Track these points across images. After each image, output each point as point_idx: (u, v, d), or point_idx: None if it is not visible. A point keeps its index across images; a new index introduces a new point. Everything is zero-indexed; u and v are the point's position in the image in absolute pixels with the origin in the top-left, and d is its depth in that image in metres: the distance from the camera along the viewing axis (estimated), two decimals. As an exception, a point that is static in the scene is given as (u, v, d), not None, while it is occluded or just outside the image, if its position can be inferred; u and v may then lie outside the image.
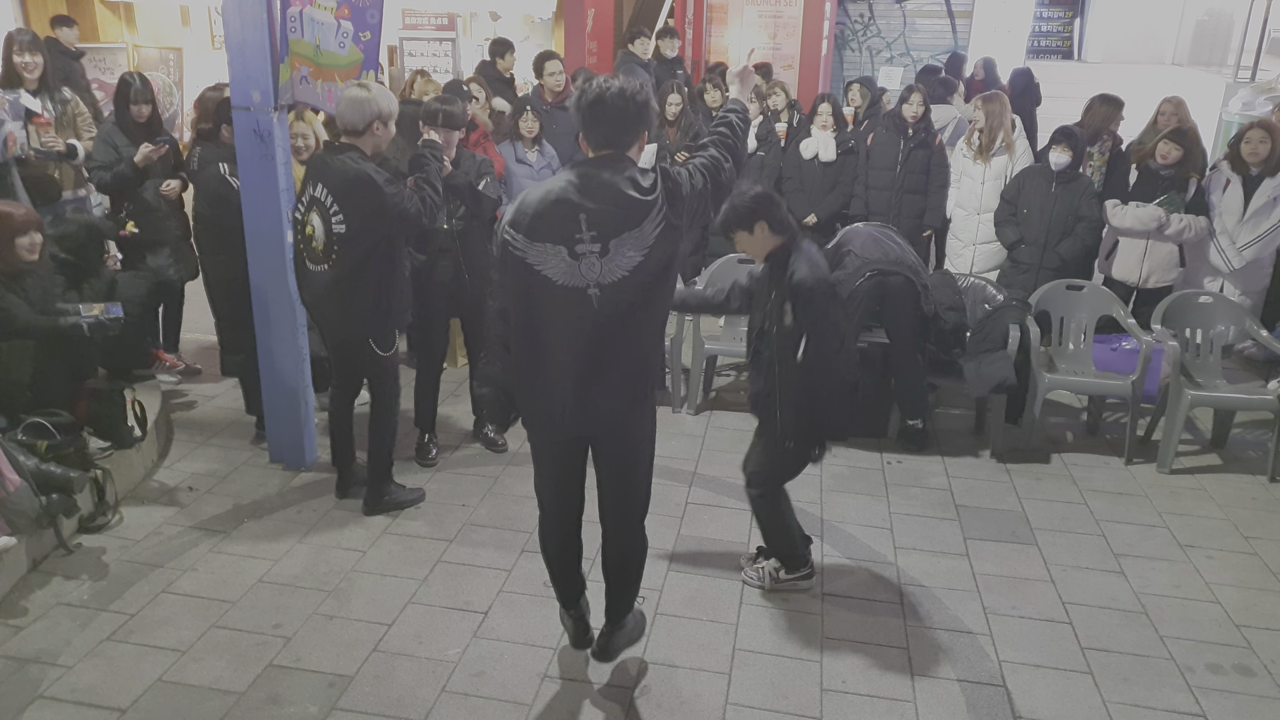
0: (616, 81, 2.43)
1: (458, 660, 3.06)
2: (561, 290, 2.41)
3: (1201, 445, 4.82)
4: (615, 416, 2.59)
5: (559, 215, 2.39)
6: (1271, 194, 4.92)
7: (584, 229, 2.37)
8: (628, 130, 2.43)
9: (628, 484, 2.73)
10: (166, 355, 5.23)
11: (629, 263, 2.39)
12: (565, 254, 2.39)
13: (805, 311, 3.03)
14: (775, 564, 3.48)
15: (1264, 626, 3.34)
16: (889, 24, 12.23)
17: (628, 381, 2.53)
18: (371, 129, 3.49)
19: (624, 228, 2.38)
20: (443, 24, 10.34)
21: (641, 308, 2.46)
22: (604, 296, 2.40)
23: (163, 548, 3.64)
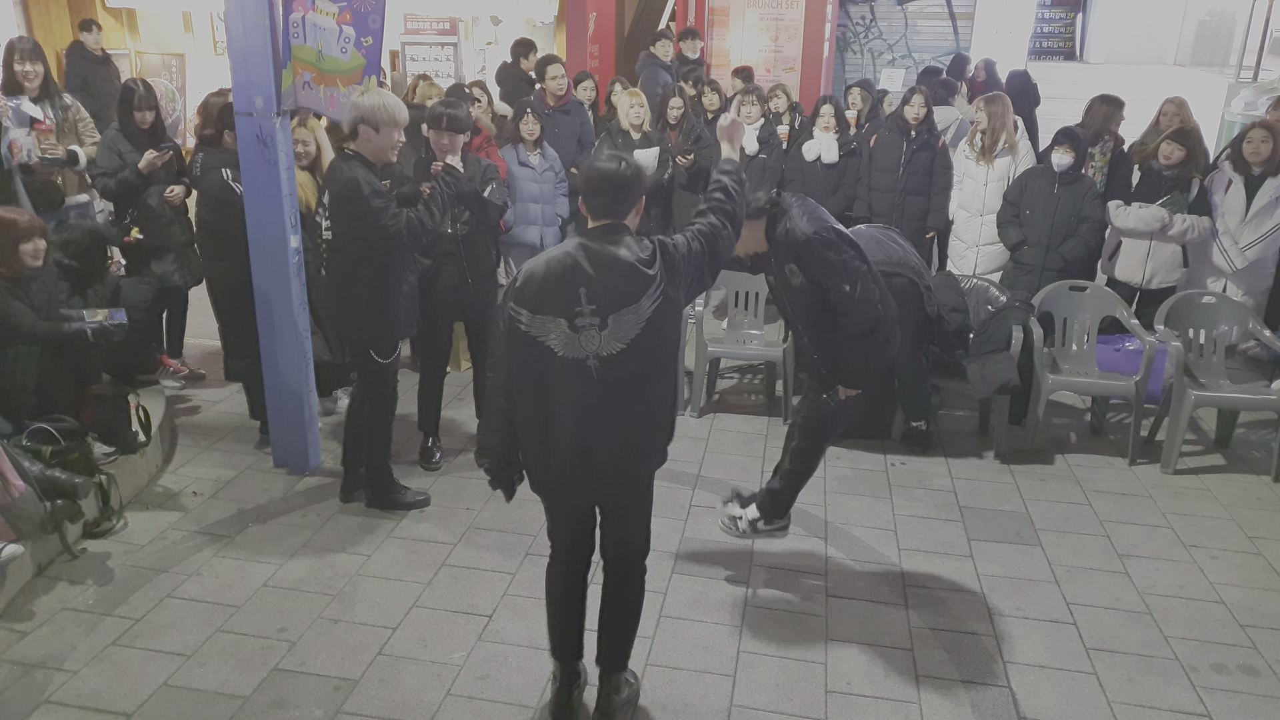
0: (608, 159, 2.52)
1: (462, 663, 3.06)
2: (562, 361, 2.46)
3: (1205, 445, 4.82)
4: (621, 485, 2.65)
5: (560, 288, 2.45)
6: (1274, 194, 4.92)
7: (584, 302, 2.43)
8: (624, 199, 2.51)
9: (628, 529, 2.77)
10: (170, 360, 5.24)
11: (627, 335, 2.45)
12: (565, 326, 2.44)
13: (810, 265, 3.05)
14: (755, 514, 3.57)
15: (1269, 626, 3.34)
16: (890, 26, 12.24)
17: (632, 447, 2.58)
18: (359, 132, 3.50)
19: (622, 303, 2.44)
20: (444, 28, 10.37)
21: (641, 376, 2.51)
22: (603, 368, 2.46)
23: (167, 552, 3.65)
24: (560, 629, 2.83)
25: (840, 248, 3.08)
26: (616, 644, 2.81)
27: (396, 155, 3.70)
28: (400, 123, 3.56)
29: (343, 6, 3.68)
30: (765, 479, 4.33)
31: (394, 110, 3.53)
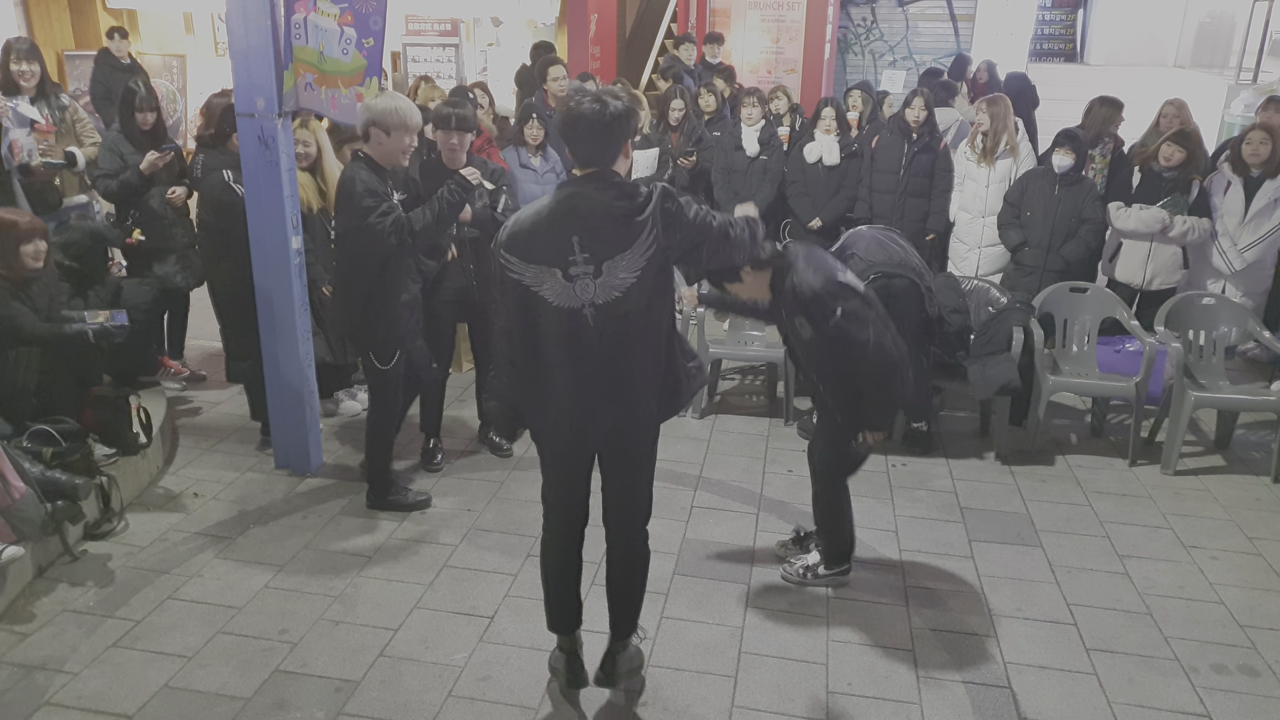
0: (589, 97, 2.43)
1: (464, 665, 3.07)
2: (557, 310, 2.45)
3: (1205, 446, 4.82)
4: (620, 432, 2.62)
5: (552, 237, 2.42)
6: (1272, 195, 4.93)
7: (577, 251, 2.41)
8: (608, 145, 2.44)
9: (630, 489, 2.75)
10: (171, 362, 5.25)
11: (622, 284, 2.42)
12: (560, 275, 2.43)
13: (819, 318, 3.06)
14: (816, 559, 3.51)
15: (1268, 627, 3.34)
16: (891, 27, 12.25)
17: (630, 397, 2.56)
18: (370, 135, 3.51)
19: (616, 249, 2.41)
20: (446, 30, 10.38)
21: (638, 326, 2.49)
22: (599, 316, 2.44)
23: (168, 554, 3.65)
24: (557, 601, 2.84)
25: (847, 298, 3.06)
26: (624, 612, 2.83)
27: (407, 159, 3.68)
28: (412, 127, 3.56)
29: (344, 7, 3.69)
30: (765, 480, 4.35)
31: (405, 114, 3.53)
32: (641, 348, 2.53)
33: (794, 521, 3.98)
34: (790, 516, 4.03)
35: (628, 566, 2.83)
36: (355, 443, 4.65)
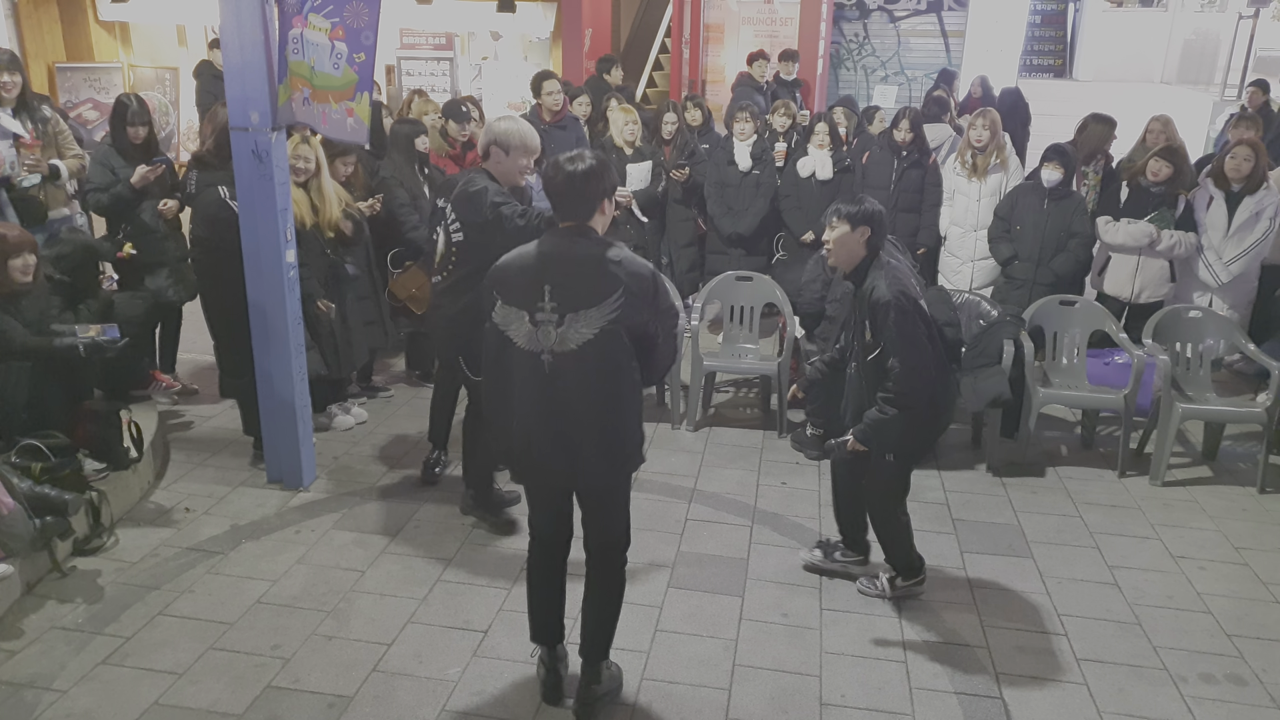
0: (565, 159, 2.61)
1: (458, 679, 3.06)
2: (520, 352, 2.61)
3: (1193, 458, 4.86)
4: (574, 476, 2.73)
5: (526, 281, 2.58)
6: (1254, 209, 4.99)
7: (546, 298, 2.55)
8: (581, 201, 2.60)
9: (599, 524, 2.84)
10: (163, 376, 5.23)
11: (581, 337, 2.55)
12: (527, 319, 2.58)
13: (883, 327, 3.12)
14: (890, 572, 3.54)
15: (1255, 636, 3.37)
16: (884, 43, 12.35)
17: (575, 448, 2.65)
18: (490, 154, 3.56)
19: (582, 304, 2.54)
20: (440, 44, 10.43)
21: (591, 379, 2.59)
22: (555, 364, 2.58)
23: (159, 569, 3.64)
24: (539, 613, 2.95)
25: (915, 320, 3.11)
26: (593, 633, 2.89)
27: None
28: (532, 150, 3.58)
29: (335, 22, 3.70)
30: (760, 493, 4.36)
31: (526, 136, 3.57)
32: (591, 403, 2.61)
33: (788, 534, 4.00)
34: (784, 529, 4.04)
35: (598, 590, 2.88)
36: (349, 456, 4.65)
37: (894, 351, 3.11)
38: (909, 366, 3.09)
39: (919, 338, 3.12)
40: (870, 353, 3.21)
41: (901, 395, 3.13)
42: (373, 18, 3.70)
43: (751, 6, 9.80)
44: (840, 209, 3.24)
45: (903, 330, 3.08)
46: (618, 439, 2.68)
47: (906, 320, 3.08)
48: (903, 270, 3.21)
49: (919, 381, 3.12)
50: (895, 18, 11.98)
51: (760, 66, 8.12)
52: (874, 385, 3.22)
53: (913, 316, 3.11)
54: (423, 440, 4.83)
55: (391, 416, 5.15)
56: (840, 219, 3.21)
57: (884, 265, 3.20)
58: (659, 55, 12.05)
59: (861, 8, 11.98)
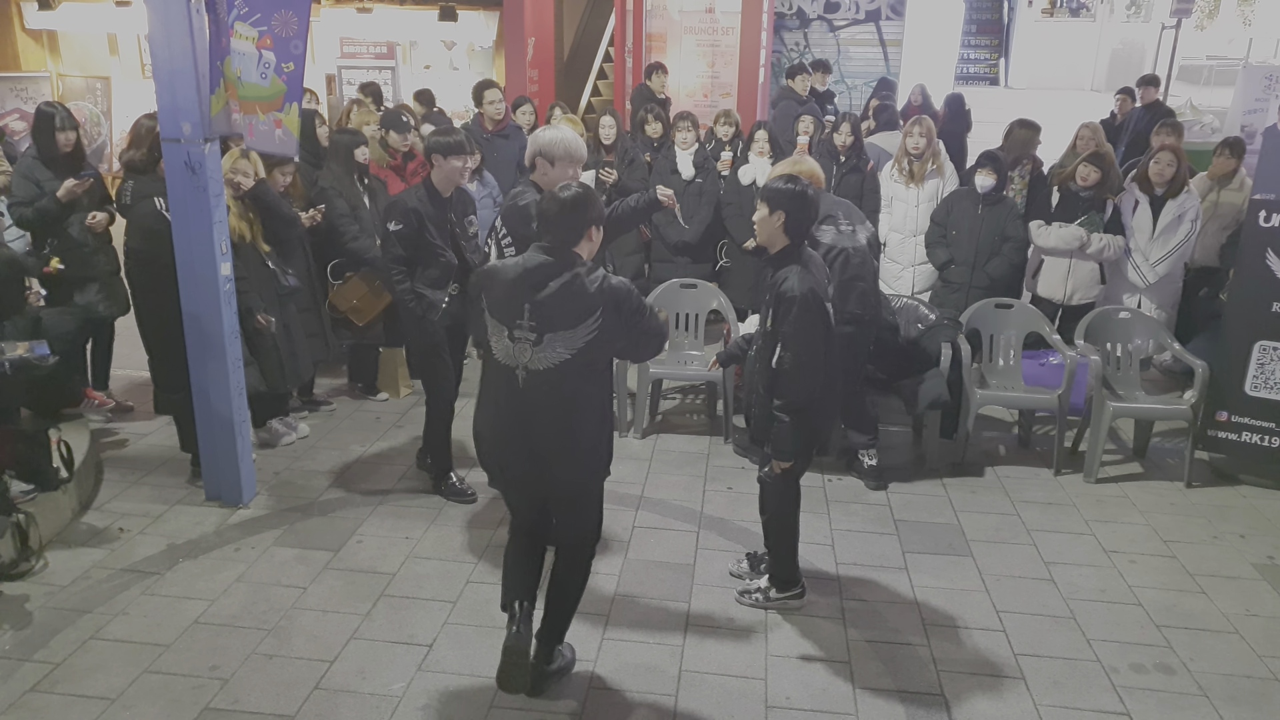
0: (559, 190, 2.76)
1: (402, 694, 3.03)
2: (498, 364, 2.75)
3: (1124, 455, 5.02)
4: (540, 482, 2.85)
5: (509, 297, 2.69)
6: (1176, 213, 5.19)
7: (525, 317, 2.66)
8: (570, 229, 2.71)
9: (568, 523, 2.99)
10: (96, 393, 5.09)
11: (557, 357, 2.66)
12: (506, 335, 2.70)
13: (784, 320, 3.13)
14: (765, 583, 3.55)
15: (1183, 626, 3.49)
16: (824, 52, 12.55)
17: (543, 462, 2.77)
18: (536, 165, 3.58)
19: (560, 326, 2.64)
20: (381, 52, 10.33)
21: (562, 399, 2.70)
22: (529, 380, 2.69)
23: (91, 592, 3.53)
24: (514, 575, 3.03)
25: (815, 321, 3.12)
26: (554, 619, 3.03)
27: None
28: (577, 159, 3.57)
29: (263, 31, 3.64)
30: (706, 498, 4.39)
31: (570, 145, 3.55)
32: (561, 421, 2.72)
33: (734, 538, 4.03)
34: (730, 533, 4.08)
35: (563, 580, 3.02)
36: (291, 471, 4.57)
37: (788, 345, 3.12)
38: (799, 363, 3.12)
39: (815, 338, 3.13)
40: (770, 341, 3.23)
41: (790, 397, 3.15)
42: (302, 27, 3.65)
43: (693, 16, 9.88)
44: (763, 189, 3.23)
45: (801, 327, 3.10)
46: (585, 452, 2.80)
47: (807, 318, 3.10)
48: (815, 273, 3.19)
49: (807, 380, 3.14)
50: (835, 27, 12.20)
51: (803, 81, 8.29)
52: (767, 373, 3.23)
53: (814, 316, 3.12)
54: (365, 456, 4.78)
55: (334, 430, 5.08)
56: (761, 200, 3.22)
57: (804, 260, 3.20)
58: (603, 64, 12.08)
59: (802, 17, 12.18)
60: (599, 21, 12.27)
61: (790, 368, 3.13)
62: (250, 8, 3.64)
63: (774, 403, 3.20)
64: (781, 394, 3.17)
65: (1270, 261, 4.48)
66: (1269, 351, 4.53)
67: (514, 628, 2.93)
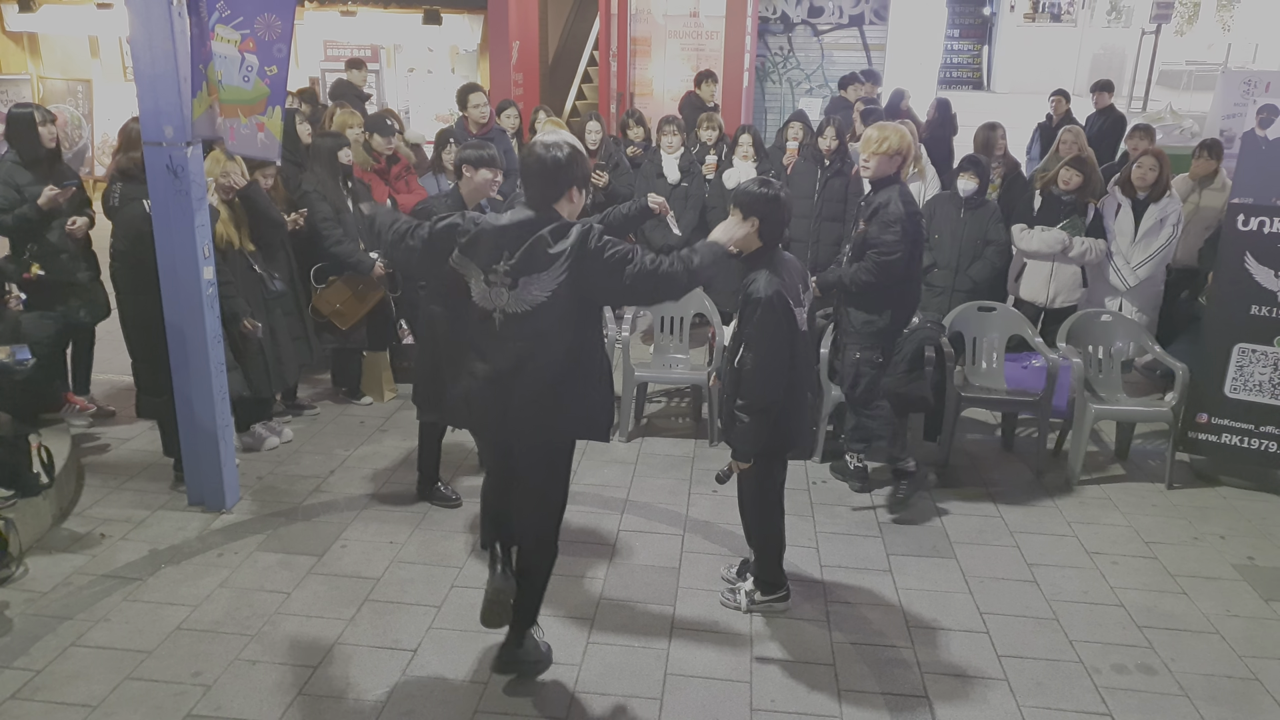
0: (540, 145, 2.77)
1: (386, 700, 3.02)
2: (475, 307, 2.80)
3: (1106, 456, 5.06)
4: (508, 427, 2.86)
5: (490, 244, 2.75)
6: (1158, 216, 5.24)
7: (503, 262, 2.73)
8: (549, 186, 2.75)
9: (527, 488, 3.00)
10: (76, 398, 5.05)
11: (534, 299, 2.71)
12: (483, 278, 2.76)
13: (747, 320, 3.15)
14: (750, 586, 3.55)
15: (1164, 627, 3.52)
16: (808, 56, 12.60)
17: (517, 406, 2.80)
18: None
19: (534, 269, 2.70)
20: (365, 55, 10.29)
21: (537, 343, 2.74)
22: (506, 323, 2.75)
23: (72, 599, 3.50)
24: (489, 515, 3.20)
25: (779, 323, 3.13)
26: (519, 605, 3.07)
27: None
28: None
29: (245, 34, 3.63)
30: (691, 501, 4.40)
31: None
32: (537, 365, 2.75)
33: (719, 541, 4.04)
34: (716, 536, 4.08)
35: (526, 564, 3.06)
36: (274, 476, 4.55)
37: (751, 347, 3.14)
38: (760, 364, 3.13)
39: (779, 341, 3.13)
40: (736, 342, 3.25)
41: (751, 398, 3.17)
42: (286, 30, 3.65)
43: (678, 20, 9.92)
44: (736, 195, 3.24)
45: (765, 329, 3.11)
46: (556, 402, 2.79)
47: (771, 320, 3.11)
48: (784, 276, 3.19)
49: (768, 381, 3.15)
50: (818, 31, 12.25)
51: (855, 89, 8.37)
52: (732, 373, 3.25)
53: (778, 319, 3.12)
54: (349, 460, 4.76)
55: (318, 435, 5.05)
56: (734, 206, 3.22)
57: (776, 263, 3.21)
58: (588, 68, 12.10)
59: (785, 22, 12.22)
60: (584, 25, 12.28)
61: (752, 369, 3.14)
62: (233, 10, 3.63)
63: (738, 409, 3.21)
64: (743, 394, 3.19)
65: (1249, 264, 4.53)
66: (1248, 354, 4.59)
67: (496, 568, 3.04)
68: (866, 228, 4.14)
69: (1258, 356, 4.57)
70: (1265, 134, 4.53)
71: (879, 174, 4.17)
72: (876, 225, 4.08)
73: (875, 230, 4.09)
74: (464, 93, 6.39)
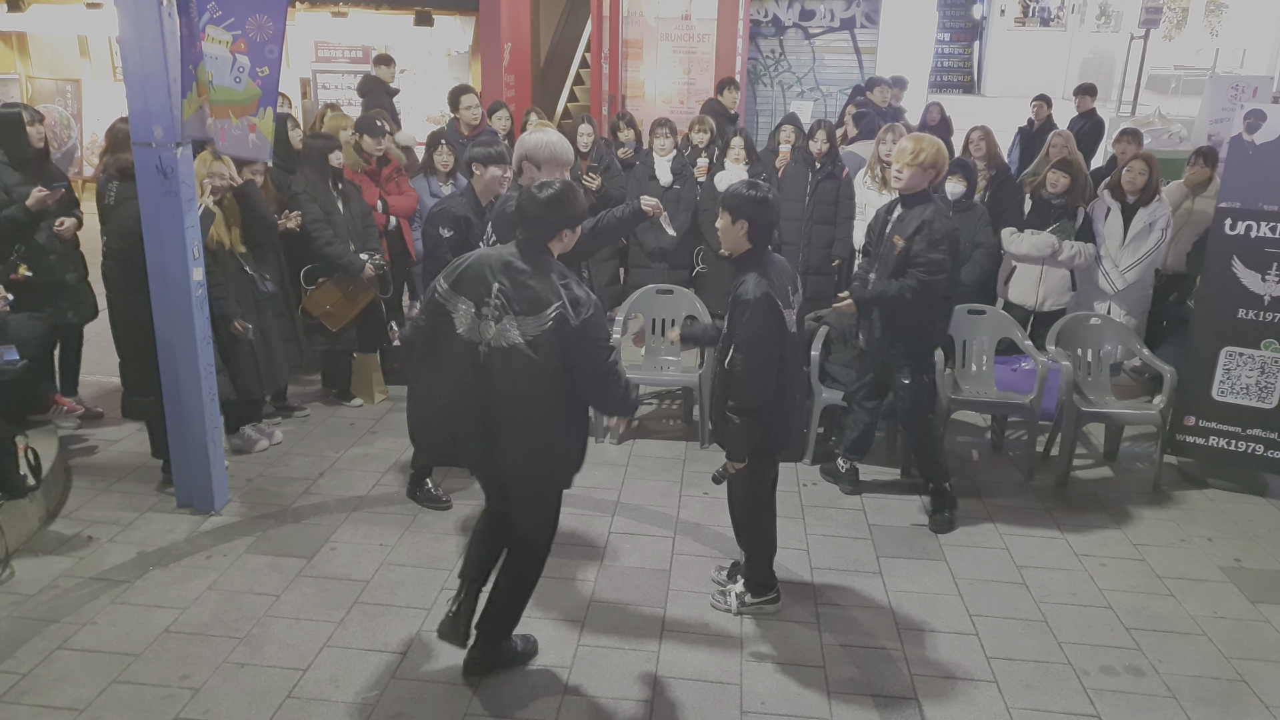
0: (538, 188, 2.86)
1: (376, 703, 3.01)
2: (460, 339, 2.81)
3: (1095, 459, 5.08)
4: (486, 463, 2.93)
5: (480, 278, 2.80)
6: (1147, 220, 5.27)
7: (492, 296, 2.78)
8: (539, 226, 2.84)
9: (521, 515, 3.05)
10: (64, 399, 5.02)
11: (514, 339, 2.75)
12: (473, 310, 2.79)
13: (736, 322, 3.15)
14: (741, 588, 3.55)
15: (1152, 629, 3.54)
16: (799, 59, 12.62)
17: (493, 441, 2.84)
18: (523, 169, 3.57)
19: (521, 311, 2.76)
20: (356, 57, 10.29)
21: (519, 382, 2.76)
22: (489, 356, 2.78)
23: (59, 601, 3.48)
24: (472, 557, 3.16)
25: (767, 324, 3.13)
26: (496, 613, 3.10)
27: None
28: (564, 163, 3.54)
29: (237, 35, 3.62)
30: (682, 503, 4.40)
31: (556, 149, 3.53)
32: (516, 403, 2.79)
33: (710, 543, 4.04)
34: (706, 538, 4.09)
35: (511, 577, 3.09)
36: (264, 478, 4.53)
37: (740, 348, 3.15)
38: (749, 366, 3.14)
39: (767, 342, 3.14)
40: (726, 343, 3.26)
41: (741, 399, 3.17)
42: (277, 31, 3.64)
43: (669, 23, 9.94)
44: (724, 198, 3.24)
45: (753, 330, 3.11)
46: (537, 440, 2.83)
47: (760, 321, 3.11)
48: (773, 278, 3.19)
49: (757, 383, 3.15)
50: (810, 34, 12.28)
51: (880, 92, 8.41)
52: (723, 374, 3.26)
53: (766, 320, 3.12)
54: (339, 462, 4.75)
55: (308, 437, 5.04)
56: (723, 209, 3.23)
57: (765, 264, 3.21)
58: (579, 70, 12.10)
59: (777, 25, 12.25)
60: (575, 27, 12.29)
61: (741, 370, 3.15)
62: (224, 11, 3.62)
63: (727, 404, 3.22)
64: (734, 395, 3.19)
65: (1236, 268, 4.56)
66: (1235, 357, 4.62)
67: (453, 606, 3.08)
68: (908, 244, 3.98)
69: (1245, 360, 4.60)
70: (1252, 139, 4.53)
71: (912, 187, 4.03)
72: (922, 243, 3.94)
73: (921, 248, 3.95)
74: (455, 94, 6.39)
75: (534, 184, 2.92)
